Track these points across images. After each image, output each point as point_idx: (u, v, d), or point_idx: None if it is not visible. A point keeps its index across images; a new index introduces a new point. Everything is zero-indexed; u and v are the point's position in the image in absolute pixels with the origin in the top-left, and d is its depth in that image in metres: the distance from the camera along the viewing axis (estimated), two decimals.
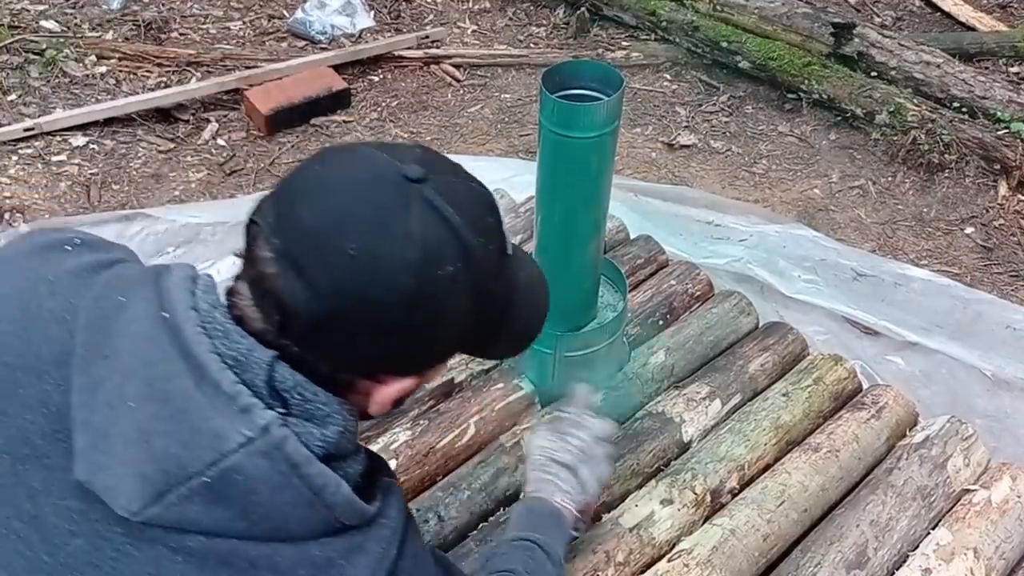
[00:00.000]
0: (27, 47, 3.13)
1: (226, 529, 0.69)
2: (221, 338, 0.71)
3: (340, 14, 3.46)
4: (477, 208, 0.77)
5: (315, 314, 0.70)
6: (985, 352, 2.15)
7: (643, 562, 1.45)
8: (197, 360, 0.69)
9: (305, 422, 0.72)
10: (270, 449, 0.69)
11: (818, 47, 3.23)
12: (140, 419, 0.68)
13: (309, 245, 0.70)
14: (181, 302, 0.72)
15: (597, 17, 3.65)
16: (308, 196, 0.72)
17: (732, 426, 1.65)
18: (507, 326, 0.85)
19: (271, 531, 0.70)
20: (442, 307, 0.74)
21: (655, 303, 1.92)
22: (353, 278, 0.69)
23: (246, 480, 0.68)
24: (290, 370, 0.72)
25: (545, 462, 1.23)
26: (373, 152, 0.75)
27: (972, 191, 2.90)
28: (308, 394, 0.73)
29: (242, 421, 0.68)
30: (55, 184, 2.67)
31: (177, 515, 0.68)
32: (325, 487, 0.71)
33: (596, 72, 1.42)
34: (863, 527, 1.49)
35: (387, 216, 0.71)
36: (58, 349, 0.73)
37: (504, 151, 2.97)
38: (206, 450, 0.67)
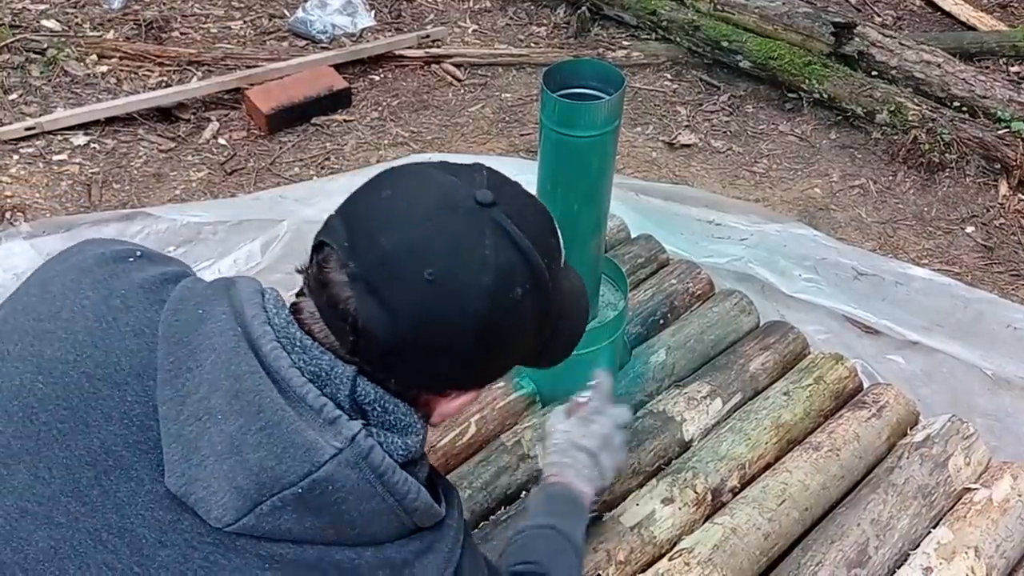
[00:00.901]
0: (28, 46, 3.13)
1: (316, 537, 0.71)
2: (300, 353, 0.73)
3: (341, 13, 3.46)
4: (542, 229, 0.81)
5: (392, 338, 0.72)
6: (986, 351, 2.15)
7: (644, 561, 1.45)
8: (279, 375, 0.71)
9: (386, 432, 0.75)
10: (357, 459, 0.71)
11: (819, 46, 3.23)
12: (230, 432, 0.70)
13: (388, 272, 0.72)
14: (256, 317, 0.74)
15: (598, 16, 3.65)
16: (383, 221, 0.74)
17: (733, 425, 1.66)
18: (556, 339, 0.87)
19: (356, 536, 0.72)
20: (512, 329, 0.77)
21: (656, 302, 1.92)
22: (431, 304, 0.71)
23: (336, 490, 0.70)
24: (371, 384, 0.75)
25: (567, 447, 1.25)
26: (443, 176, 0.77)
27: (973, 190, 2.90)
28: (390, 406, 0.76)
29: (331, 433, 0.71)
30: (56, 183, 2.67)
31: (269, 525, 0.69)
32: (408, 494, 0.74)
33: (597, 71, 1.42)
34: (864, 526, 1.49)
35: (463, 242, 0.73)
36: (138, 361, 0.74)
37: (505, 150, 2.97)
38: (300, 462, 0.69)
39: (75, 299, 0.78)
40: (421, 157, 2.73)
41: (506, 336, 0.77)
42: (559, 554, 1.12)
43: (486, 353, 0.77)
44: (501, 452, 1.57)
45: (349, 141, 2.96)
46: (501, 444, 1.59)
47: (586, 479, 1.22)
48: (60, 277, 0.81)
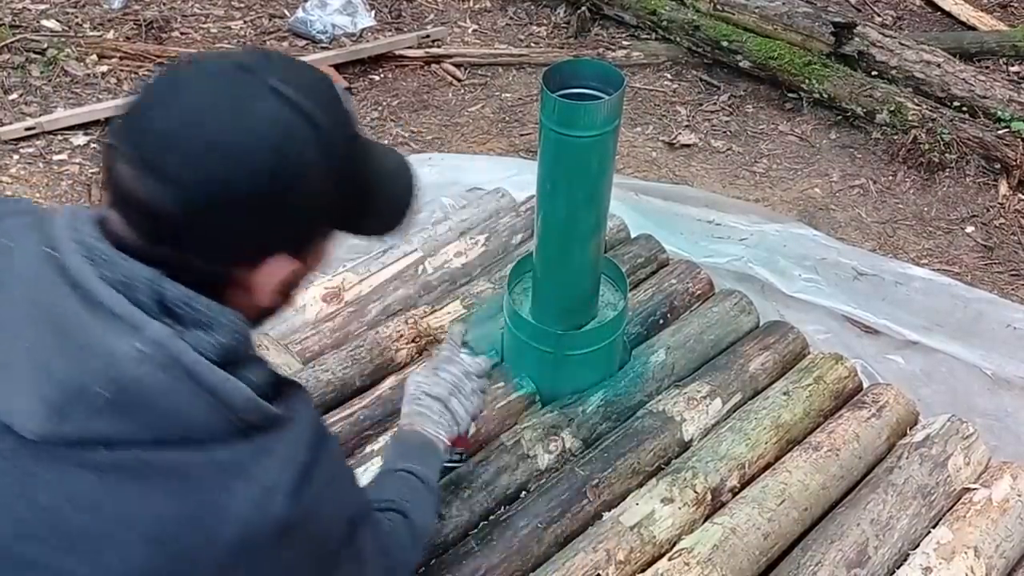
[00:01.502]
0: (28, 46, 3.13)
1: (132, 439, 0.72)
2: (105, 264, 0.74)
3: (341, 13, 3.47)
4: (318, 87, 0.82)
5: (181, 210, 0.73)
6: (985, 351, 2.16)
7: (644, 560, 1.45)
8: (84, 287, 0.73)
9: (198, 331, 0.76)
10: (165, 360, 0.72)
11: (819, 46, 3.23)
12: (36, 347, 0.72)
13: (162, 145, 0.74)
14: (64, 238, 0.75)
15: (598, 16, 3.65)
16: (155, 103, 0.76)
17: (733, 425, 1.66)
18: (372, 203, 0.90)
19: (177, 438, 0.73)
20: (298, 181, 0.77)
21: (656, 302, 1.92)
22: (211, 167, 0.73)
23: (144, 391, 0.71)
24: (174, 283, 0.75)
25: (418, 395, 1.32)
26: (204, 60, 0.81)
27: (972, 190, 2.90)
28: (195, 304, 0.76)
29: (135, 336, 0.72)
30: (56, 183, 2.68)
31: (81, 431, 0.71)
32: (228, 392, 0.74)
33: (597, 71, 1.42)
34: (863, 526, 1.49)
35: (235, 104, 0.75)
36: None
37: (505, 150, 2.97)
38: (104, 367, 0.71)
39: None
40: (421, 157, 2.73)
41: (295, 191, 0.77)
42: (414, 492, 1.17)
43: (276, 208, 0.77)
44: (501, 452, 1.57)
45: None
46: (501, 444, 1.59)
47: (436, 424, 1.29)
48: None
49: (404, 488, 1.18)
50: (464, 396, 1.35)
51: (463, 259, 2.03)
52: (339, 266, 2.17)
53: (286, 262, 0.82)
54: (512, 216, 2.15)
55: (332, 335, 1.84)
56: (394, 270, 2.03)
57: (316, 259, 0.88)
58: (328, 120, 0.80)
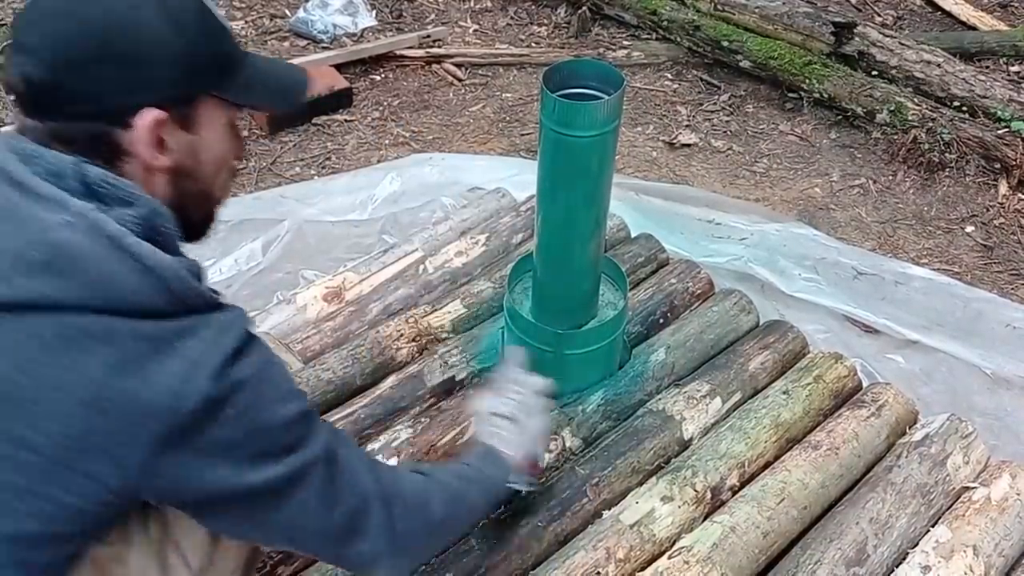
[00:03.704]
0: None
1: (67, 300, 0.79)
2: (35, 161, 0.84)
3: (342, 13, 3.47)
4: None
5: (42, 73, 0.85)
6: (985, 350, 2.16)
7: (644, 559, 1.45)
8: (19, 181, 0.83)
9: (119, 208, 0.85)
10: (88, 228, 0.81)
11: (819, 46, 3.23)
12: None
13: (23, 26, 0.87)
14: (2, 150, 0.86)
15: (598, 16, 3.65)
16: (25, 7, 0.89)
17: (732, 424, 1.66)
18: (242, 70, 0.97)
19: (110, 305, 0.80)
20: (135, 27, 0.87)
21: (656, 301, 1.93)
22: (52, 27, 0.85)
23: (75, 254, 0.79)
24: (93, 166, 0.86)
25: (487, 416, 1.33)
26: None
27: (972, 190, 2.90)
28: (115, 182, 0.86)
29: (63, 210, 0.81)
30: None
31: (22, 292, 0.79)
32: (145, 255, 0.82)
33: (597, 71, 1.43)
34: (863, 524, 1.49)
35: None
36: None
37: (505, 150, 2.98)
38: (38, 232, 0.80)
39: None
40: (422, 157, 2.74)
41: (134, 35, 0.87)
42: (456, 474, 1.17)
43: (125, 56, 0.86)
44: None
45: (350, 141, 2.96)
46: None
47: (509, 443, 1.28)
48: None
49: (452, 467, 1.19)
50: (535, 415, 1.35)
51: (464, 259, 2.03)
52: (340, 266, 2.18)
53: (152, 112, 0.88)
54: (512, 216, 2.16)
55: (333, 334, 1.85)
56: (395, 270, 2.04)
57: (205, 126, 0.95)
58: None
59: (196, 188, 0.96)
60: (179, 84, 0.91)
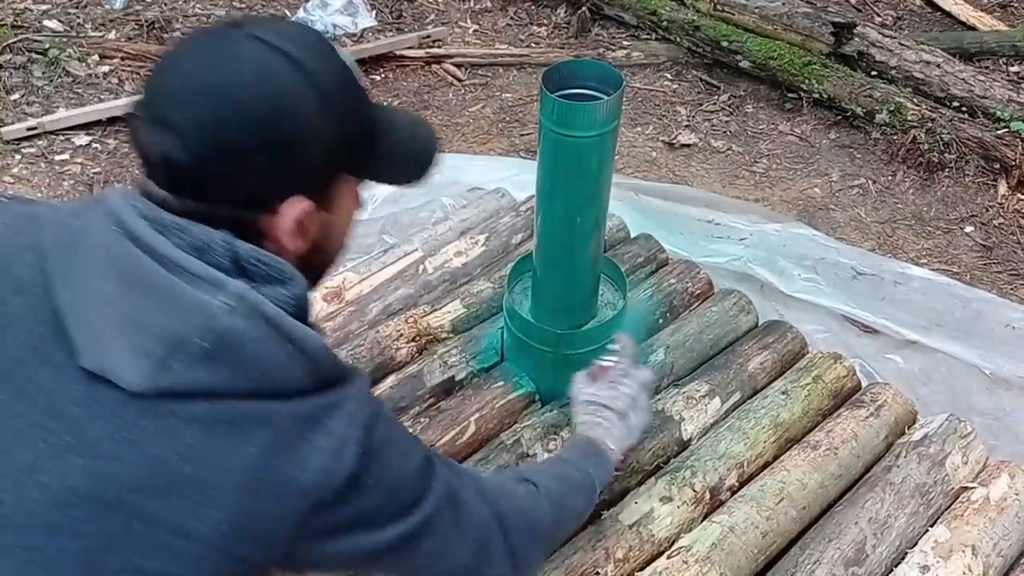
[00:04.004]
0: (30, 47, 3.14)
1: (227, 389, 0.77)
2: (177, 233, 0.80)
3: (342, 14, 3.47)
4: (305, 35, 0.87)
5: (191, 159, 0.79)
6: (984, 351, 2.16)
7: (642, 559, 1.46)
8: (162, 254, 0.78)
9: (271, 286, 0.82)
10: (248, 311, 0.78)
11: (818, 46, 3.23)
12: (128, 308, 0.77)
13: (167, 100, 0.81)
14: (129, 212, 0.81)
15: (598, 17, 3.66)
16: (161, 69, 0.84)
17: (731, 424, 1.66)
18: (381, 144, 0.94)
19: (266, 387, 0.79)
20: (292, 118, 0.82)
21: (655, 302, 1.93)
22: (205, 113, 0.79)
23: (237, 341, 0.77)
24: (245, 243, 0.82)
25: (597, 408, 1.32)
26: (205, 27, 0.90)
27: (972, 190, 2.90)
28: (266, 259, 0.83)
29: (219, 292, 0.78)
30: (58, 183, 2.68)
31: (182, 381, 0.76)
32: (304, 338, 0.81)
33: (596, 71, 1.43)
34: (861, 524, 1.50)
35: (220, 52, 0.82)
36: (36, 271, 0.81)
37: (505, 150, 2.98)
38: (198, 318, 0.76)
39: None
40: None
41: (290, 129, 0.82)
42: (560, 472, 1.18)
43: (278, 150, 0.82)
44: (500, 451, 1.58)
45: None
46: (501, 443, 1.60)
47: (615, 438, 1.29)
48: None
49: (551, 468, 1.19)
50: (641, 410, 1.35)
51: (463, 259, 2.04)
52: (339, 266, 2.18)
53: (301, 202, 0.85)
54: (512, 216, 2.16)
55: (333, 334, 1.85)
56: (394, 270, 2.04)
57: (339, 204, 0.92)
58: (314, 60, 0.84)
59: (324, 260, 0.96)
60: (329, 171, 0.89)
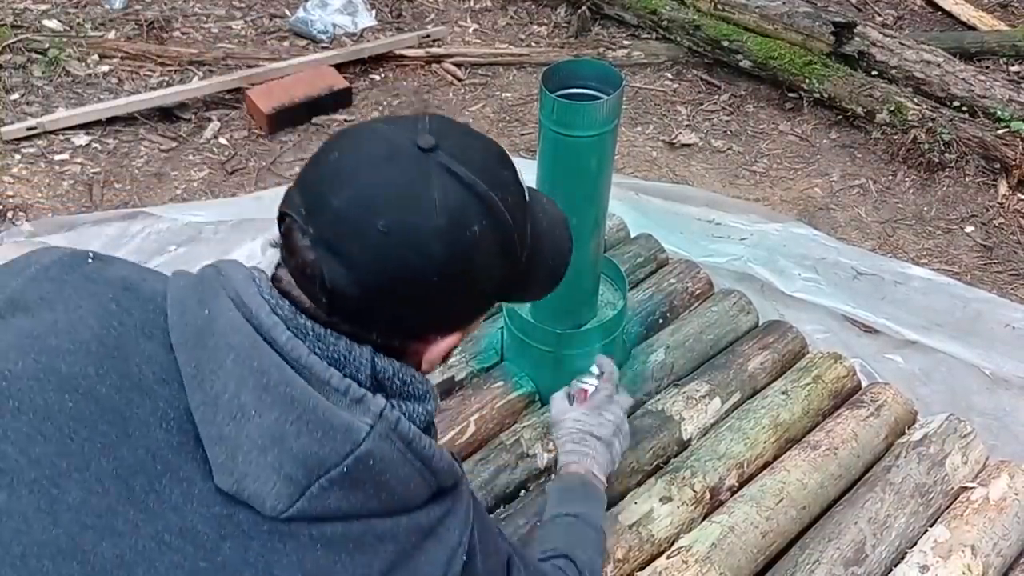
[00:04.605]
0: (30, 46, 3.13)
1: (361, 511, 0.75)
2: (314, 341, 0.76)
3: (342, 13, 3.47)
4: (492, 164, 0.82)
5: (359, 293, 0.75)
6: (984, 350, 2.16)
7: (642, 559, 1.46)
8: (299, 363, 0.74)
9: (405, 401, 0.80)
10: (388, 432, 0.75)
11: (819, 46, 3.23)
12: (268, 424, 0.72)
13: (342, 229, 0.74)
14: (261, 308, 0.76)
15: (598, 16, 3.65)
16: (333, 182, 0.76)
17: (731, 424, 1.66)
18: (534, 270, 0.89)
19: (394, 505, 0.77)
20: (474, 265, 0.78)
21: (655, 301, 1.93)
22: (387, 253, 0.74)
23: (376, 463, 0.74)
24: (388, 360, 0.79)
25: (582, 436, 1.31)
26: (385, 128, 0.79)
27: (972, 190, 2.90)
28: (407, 377, 0.80)
29: (360, 410, 0.75)
30: (58, 183, 2.68)
31: (320, 507, 0.73)
32: (433, 457, 0.79)
33: (596, 71, 1.43)
34: (861, 524, 1.50)
35: (410, 189, 0.75)
36: (159, 367, 0.76)
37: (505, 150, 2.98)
38: (341, 443, 0.73)
39: (67, 308, 0.78)
40: None
41: (470, 274, 0.78)
42: (581, 536, 1.19)
43: (454, 293, 0.79)
44: (500, 451, 1.58)
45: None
46: (500, 443, 1.60)
47: (601, 466, 1.30)
48: (32, 288, 0.80)
49: (571, 533, 1.20)
50: (623, 436, 1.36)
51: None
52: None
53: (456, 337, 0.85)
54: None
55: None
56: None
57: (477, 324, 0.91)
58: (502, 196, 0.79)
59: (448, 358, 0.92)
60: (488, 306, 0.87)
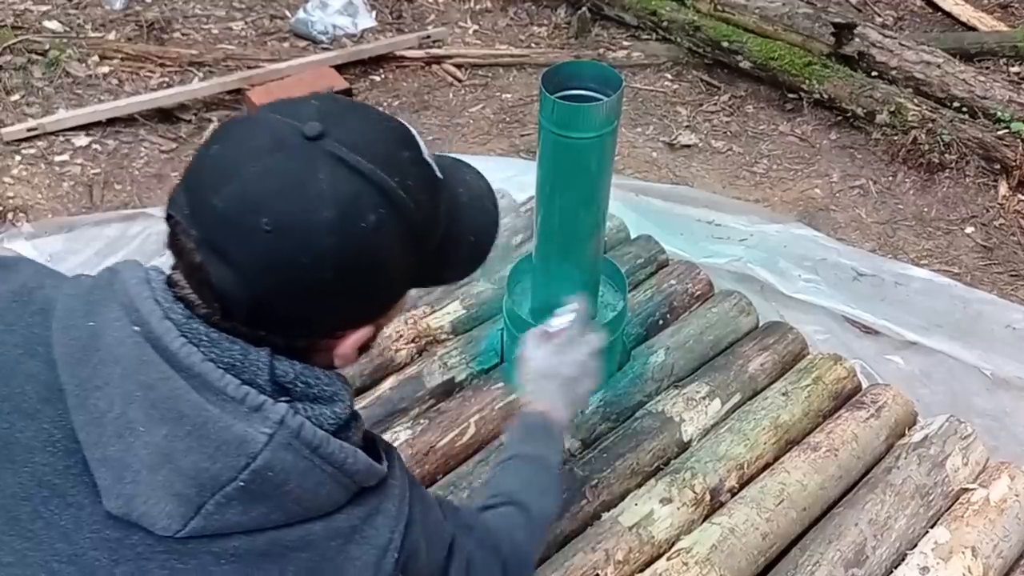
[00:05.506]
0: (30, 47, 3.13)
1: (264, 523, 0.71)
2: (208, 346, 0.71)
3: (342, 14, 3.47)
4: (388, 147, 0.75)
5: (248, 295, 0.70)
6: (984, 351, 2.16)
7: (642, 560, 1.45)
8: (192, 371, 0.70)
9: (313, 404, 0.75)
10: (290, 439, 0.71)
11: (819, 47, 3.23)
12: (157, 442, 0.69)
13: (225, 230, 0.69)
14: (153, 314, 0.71)
15: (598, 17, 3.65)
16: (214, 179, 0.71)
17: (732, 425, 1.66)
18: (453, 251, 0.84)
19: (304, 513, 0.73)
20: (374, 257, 0.72)
21: (655, 303, 1.93)
22: (274, 253, 0.69)
23: (276, 475, 0.70)
24: (288, 362, 0.74)
25: (544, 375, 1.26)
26: (270, 117, 0.74)
27: (972, 191, 2.90)
28: (311, 380, 0.75)
29: (258, 419, 0.70)
30: (58, 184, 2.68)
31: (218, 523, 0.70)
32: (346, 461, 0.74)
33: (596, 72, 1.43)
34: (862, 526, 1.50)
35: (295, 182, 0.69)
36: (42, 386, 0.72)
37: (505, 151, 2.98)
38: (234, 456, 0.69)
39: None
40: None
41: (371, 266, 0.73)
42: (534, 477, 1.15)
43: (355, 288, 0.73)
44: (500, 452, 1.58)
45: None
46: (501, 444, 1.60)
47: (564, 404, 1.24)
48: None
49: (524, 475, 1.16)
50: (590, 376, 1.28)
51: None
52: None
53: (367, 330, 0.79)
54: (512, 216, 2.16)
55: None
56: None
57: (392, 313, 0.85)
58: (401, 180, 0.73)
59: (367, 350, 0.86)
60: (400, 295, 0.81)
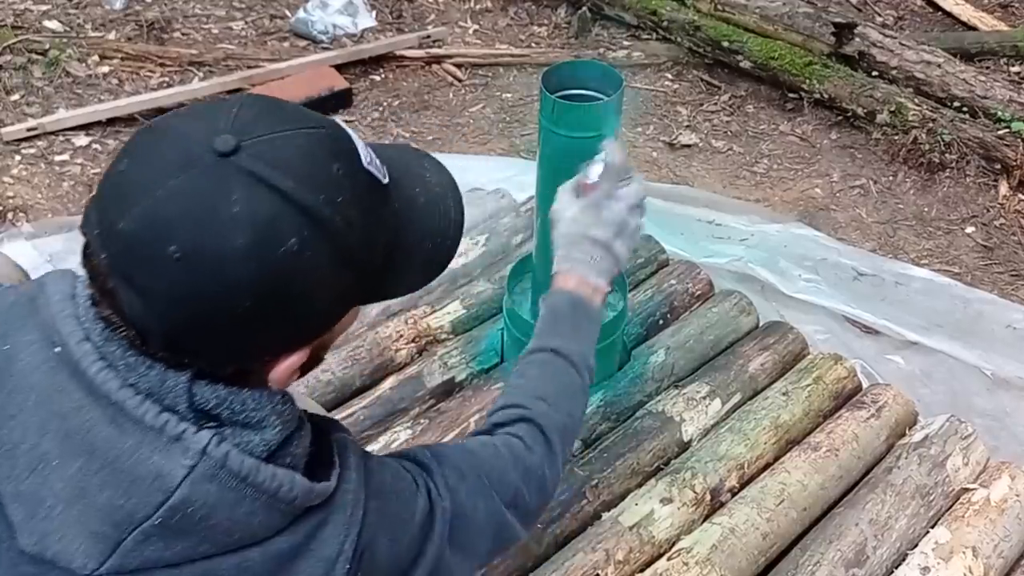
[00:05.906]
0: (30, 47, 3.13)
1: (192, 555, 0.67)
2: (127, 372, 0.67)
3: (342, 14, 3.47)
4: (312, 160, 0.68)
5: (159, 325, 0.65)
6: (985, 351, 2.16)
7: (643, 560, 1.45)
8: (110, 400, 0.65)
9: (242, 430, 0.69)
10: (214, 471, 0.66)
11: (819, 47, 3.23)
12: (70, 476, 0.65)
13: (132, 256, 0.64)
14: (72, 336, 0.67)
15: (598, 17, 3.65)
16: (121, 200, 0.65)
17: (732, 425, 1.66)
18: (405, 260, 0.78)
19: (237, 542, 0.69)
20: (299, 283, 0.66)
21: (655, 303, 1.92)
22: (183, 282, 0.63)
23: (199, 508, 0.66)
24: (210, 387, 0.68)
25: (577, 238, 1.12)
26: (182, 127, 0.68)
27: (973, 190, 2.90)
28: (237, 405, 0.69)
29: (178, 451, 0.65)
30: (58, 184, 2.68)
31: (138, 560, 0.66)
32: (280, 488, 0.69)
33: (596, 72, 1.43)
34: (862, 526, 1.49)
35: (204, 205, 0.63)
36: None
37: (505, 150, 2.97)
38: (150, 492, 0.65)
39: None
40: None
41: (295, 293, 0.66)
42: (554, 380, 1.05)
43: (278, 315, 0.67)
44: None
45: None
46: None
47: (598, 272, 1.11)
48: None
49: (545, 377, 1.04)
50: (628, 236, 1.14)
51: (463, 259, 2.03)
52: None
53: (302, 353, 0.73)
54: (512, 216, 2.16)
55: None
56: None
57: (338, 331, 0.79)
58: (327, 199, 0.66)
59: (313, 365, 0.80)
60: (339, 314, 0.74)
